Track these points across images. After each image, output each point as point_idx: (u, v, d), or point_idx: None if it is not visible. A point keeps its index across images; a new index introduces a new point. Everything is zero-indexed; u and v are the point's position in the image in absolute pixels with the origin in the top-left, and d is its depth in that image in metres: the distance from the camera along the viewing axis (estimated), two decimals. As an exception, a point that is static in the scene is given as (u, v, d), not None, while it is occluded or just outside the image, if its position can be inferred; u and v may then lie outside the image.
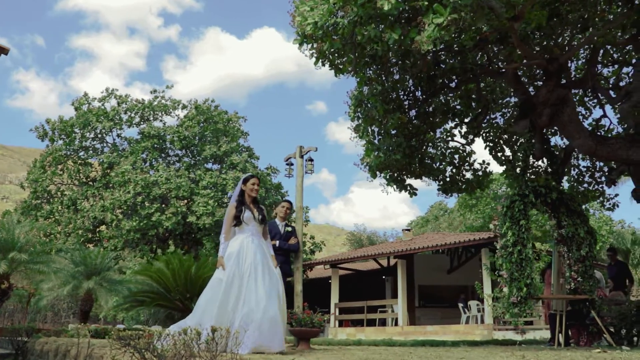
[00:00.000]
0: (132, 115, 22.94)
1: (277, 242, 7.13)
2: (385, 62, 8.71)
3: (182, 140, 22.14)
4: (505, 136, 12.22)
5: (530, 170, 12.58)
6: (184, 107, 23.43)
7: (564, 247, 7.61)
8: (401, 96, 9.31)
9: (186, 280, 7.68)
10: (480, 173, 12.20)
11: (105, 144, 23.61)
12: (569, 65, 9.76)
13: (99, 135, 23.32)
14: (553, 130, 10.64)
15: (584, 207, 10.04)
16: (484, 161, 12.24)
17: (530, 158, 12.67)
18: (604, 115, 10.72)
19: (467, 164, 12.07)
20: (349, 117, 10.09)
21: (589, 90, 10.07)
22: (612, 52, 9.45)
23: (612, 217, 32.74)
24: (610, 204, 11.87)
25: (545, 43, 8.13)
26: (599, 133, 9.40)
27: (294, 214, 8.01)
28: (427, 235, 28.00)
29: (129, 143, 23.19)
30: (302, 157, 7.63)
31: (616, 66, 10.53)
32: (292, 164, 8.07)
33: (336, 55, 8.05)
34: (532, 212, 25.30)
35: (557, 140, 12.27)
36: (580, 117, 10.55)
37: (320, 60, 8.13)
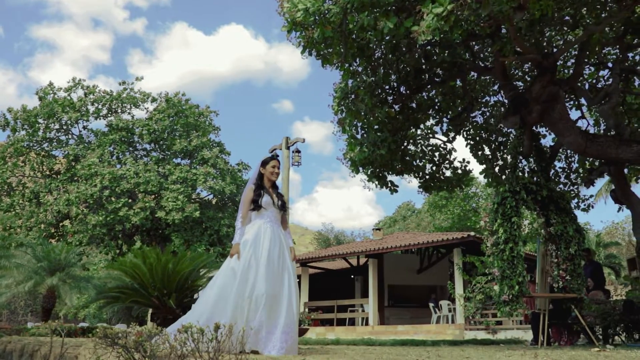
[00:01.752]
0: (100, 107, 22.16)
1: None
2: (372, 54, 8.51)
3: (152, 134, 21.50)
4: (484, 135, 12.19)
5: (508, 170, 12.65)
6: (154, 100, 22.79)
7: (552, 246, 7.53)
8: (387, 90, 9.11)
9: (163, 276, 7.28)
10: (460, 171, 12.15)
11: (70, 136, 22.78)
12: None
13: (65, 127, 22.47)
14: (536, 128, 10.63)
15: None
16: (464, 159, 12.19)
17: (509, 157, 12.79)
18: (582, 117, 10.77)
19: (447, 161, 12.00)
20: (333, 110, 9.85)
21: (568, 90, 10.08)
22: (596, 52, 9.46)
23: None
24: (585, 205, 11.96)
25: (533, 40, 8.05)
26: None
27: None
28: (397, 235, 28.02)
29: (95, 135, 22.39)
30: (288, 148, 7.37)
31: (592, 68, 10.60)
32: (277, 156, 7.78)
33: (323, 45, 7.80)
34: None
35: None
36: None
37: (308, 49, 7.87)
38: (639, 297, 7.76)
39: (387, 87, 8.95)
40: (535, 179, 7.74)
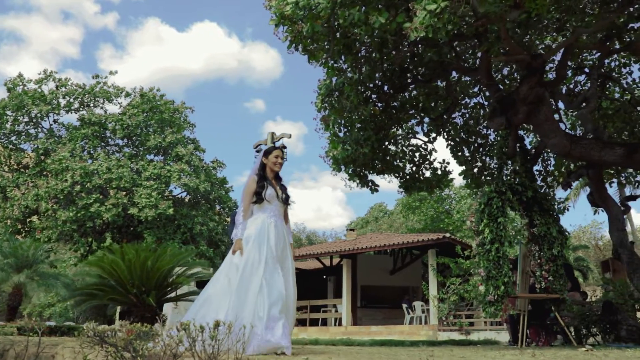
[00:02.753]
0: (71, 100, 21.56)
1: (247, 233, 6.70)
2: (358, 51, 8.43)
3: (125, 129, 21.03)
4: (464, 136, 12.25)
5: (487, 172, 12.75)
6: (128, 95, 22.30)
7: (535, 246, 7.56)
8: (372, 88, 9.05)
9: (142, 273, 7.04)
10: (439, 172, 12.18)
11: (40, 129, 22.13)
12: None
13: (34, 120, 21.81)
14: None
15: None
16: (444, 160, 12.22)
17: (487, 159, 12.88)
18: (560, 120, 10.91)
19: (427, 162, 12.01)
20: (316, 107, 9.75)
21: (548, 93, 10.20)
22: (577, 56, 9.60)
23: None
24: (560, 207, 12.11)
25: (523, 41, 8.09)
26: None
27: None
28: (371, 236, 28.06)
29: (67, 129, 21.79)
30: (274, 144, 7.25)
31: (569, 73, 10.76)
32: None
33: (310, 40, 7.69)
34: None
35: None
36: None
37: (294, 44, 7.75)
38: (616, 298, 7.84)
39: (371, 85, 8.88)
40: (517, 180, 7.76)
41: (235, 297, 4.12)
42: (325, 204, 74.80)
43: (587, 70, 10.52)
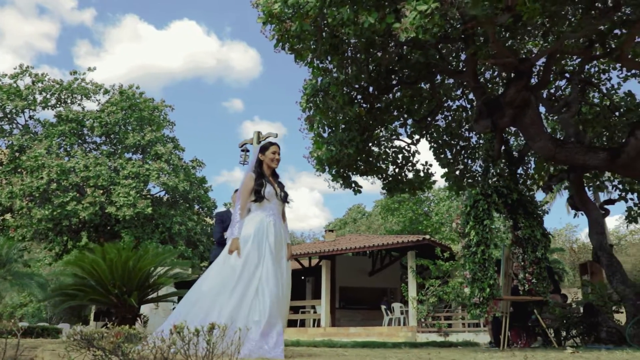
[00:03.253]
0: (48, 96, 21.09)
1: (233, 233, 6.60)
2: (344, 51, 8.40)
3: (104, 127, 20.65)
4: (446, 138, 12.31)
5: (468, 175, 12.83)
6: (106, 92, 21.90)
7: (519, 249, 7.61)
8: (357, 89, 9.02)
9: (124, 273, 6.88)
10: (422, 174, 12.22)
11: (15, 125, 21.61)
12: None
13: (9, 116, 21.28)
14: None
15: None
16: (426, 162, 12.27)
17: (469, 161, 12.97)
18: (541, 124, 11.02)
19: (410, 164, 12.04)
20: (300, 107, 9.69)
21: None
22: (560, 61, 9.69)
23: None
24: (540, 211, 12.24)
25: (508, 45, 8.15)
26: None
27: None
28: (350, 237, 28.08)
29: (43, 126, 21.30)
30: (259, 143, 7.14)
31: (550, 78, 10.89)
32: (247, 151, 7.57)
33: (296, 39, 7.62)
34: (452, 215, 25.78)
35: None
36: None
37: (281, 43, 7.68)
38: (596, 301, 7.93)
39: (357, 85, 8.86)
40: (502, 182, 7.80)
41: (231, 299, 3.96)
42: (302, 205, 74.65)
43: (567, 75, 10.66)
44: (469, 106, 12.13)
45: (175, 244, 19.23)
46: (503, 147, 7.99)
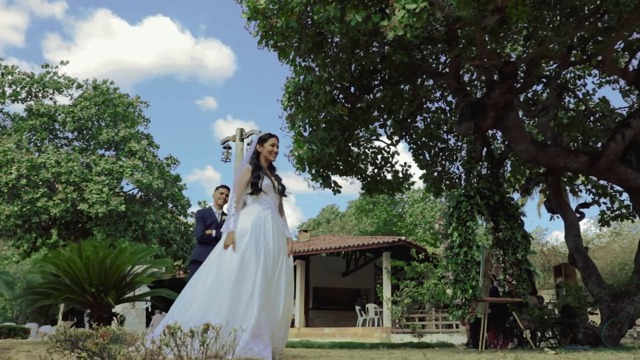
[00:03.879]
0: (18, 89, 20.51)
1: (213, 232, 6.47)
2: (328, 50, 8.34)
3: (76, 122, 20.17)
4: (425, 140, 12.36)
5: (446, 177, 12.91)
6: (80, 86, 21.38)
7: (500, 251, 7.65)
8: (340, 88, 8.96)
9: (100, 272, 6.69)
10: (400, 175, 12.24)
11: (-17, 119, 20.98)
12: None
13: (-24, 108, 20.65)
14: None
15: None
16: (405, 163, 12.30)
17: (447, 163, 13.05)
18: (518, 128, 11.15)
19: (389, 164, 12.05)
20: (282, 105, 9.60)
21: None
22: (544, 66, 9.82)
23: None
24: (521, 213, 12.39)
25: (492, 47, 8.20)
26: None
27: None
28: (324, 237, 28.03)
29: (12, 120, 20.70)
30: (242, 140, 7.03)
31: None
32: (229, 148, 7.45)
33: (280, 36, 7.53)
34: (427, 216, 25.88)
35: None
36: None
37: (265, 40, 7.58)
38: (573, 302, 8.03)
39: (339, 85, 8.80)
40: (484, 184, 7.83)
41: (228, 298, 3.77)
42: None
43: (544, 80, 10.80)
44: (447, 108, 12.22)
45: (149, 243, 18.87)
46: (485, 149, 8.02)
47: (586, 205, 11.07)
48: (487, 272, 8.35)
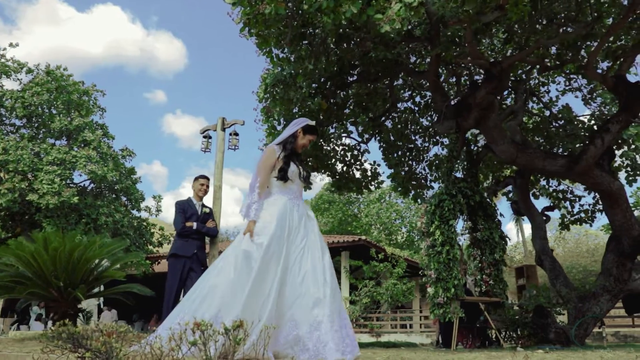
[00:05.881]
0: (-38, 72, 19.32)
1: (194, 225, 6.20)
2: (311, 41, 8.16)
3: (26, 108, 19.15)
4: (392, 138, 12.36)
5: (413, 177, 12.95)
6: (30, 71, 20.33)
7: (477, 251, 7.68)
8: (321, 82, 8.79)
9: (68, 265, 6.29)
10: (369, 173, 12.20)
11: None
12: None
13: None
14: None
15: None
16: (374, 162, 12.27)
17: (414, 163, 13.09)
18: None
19: (358, 162, 11.99)
20: (257, 97, 9.35)
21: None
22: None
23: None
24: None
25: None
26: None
27: (210, 193, 7.00)
28: (280, 236, 27.73)
29: (-44, 104, 19.48)
30: (224, 130, 6.77)
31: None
32: (209, 137, 7.15)
33: (264, 24, 7.29)
34: (392, 216, 26.10)
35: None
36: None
37: (248, 27, 7.32)
38: (545, 303, 8.15)
39: (322, 79, 8.64)
40: (462, 183, 7.84)
41: (248, 294, 3.45)
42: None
43: (510, 85, 10.99)
44: (416, 109, 12.26)
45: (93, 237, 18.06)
46: (465, 149, 8.04)
47: (551, 208, 11.34)
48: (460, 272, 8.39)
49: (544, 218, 10.30)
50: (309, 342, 3.34)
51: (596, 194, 11.57)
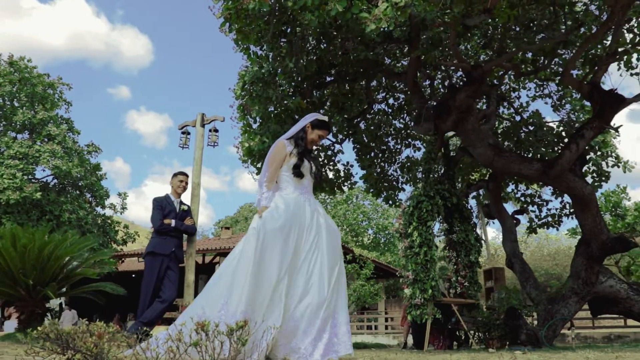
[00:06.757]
0: None
1: (173, 222, 6.05)
2: (292, 39, 8.10)
3: (-13, 100, 18.50)
4: (365, 139, 12.39)
5: (384, 179, 13.00)
6: (-9, 61, 19.65)
7: (453, 252, 7.74)
8: (299, 81, 8.73)
9: (37, 263, 6.06)
10: (342, 174, 12.18)
11: None
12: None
13: None
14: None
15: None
16: (347, 162, 12.26)
17: (386, 165, 13.14)
18: (456, 134, 11.43)
19: (331, 163, 11.96)
20: (234, 94, 9.23)
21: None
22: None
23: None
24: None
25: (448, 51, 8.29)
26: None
27: (189, 191, 6.82)
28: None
29: None
30: (203, 126, 6.64)
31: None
32: (188, 133, 7.00)
33: (246, 20, 7.19)
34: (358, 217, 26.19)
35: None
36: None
37: (229, 23, 7.21)
38: (517, 305, 8.27)
39: (300, 78, 8.57)
40: (440, 185, 7.89)
41: (248, 285, 3.33)
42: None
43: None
44: (390, 110, 12.32)
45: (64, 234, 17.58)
46: (442, 151, 8.10)
47: (521, 211, 11.53)
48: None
49: (515, 221, 10.47)
50: (301, 343, 3.30)
51: (563, 198, 11.88)
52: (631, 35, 7.85)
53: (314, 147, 4.26)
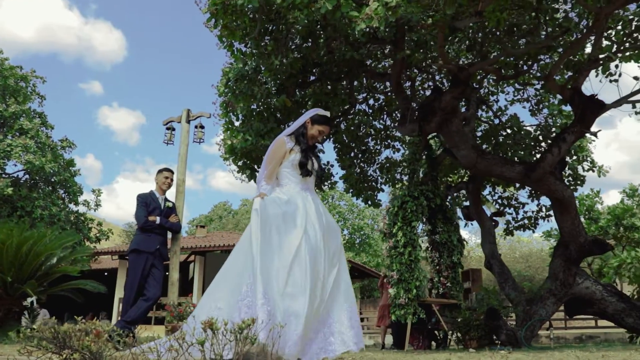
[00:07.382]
0: None
1: (157, 219, 5.95)
2: (277, 37, 8.05)
3: (-44, 92, 17.96)
4: (345, 139, 12.40)
5: (364, 179, 13.04)
6: (-39, 52, 19.08)
7: (435, 253, 7.79)
8: (284, 79, 8.68)
9: (15, 259, 5.89)
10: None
11: None
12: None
13: None
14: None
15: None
16: (328, 162, 12.26)
17: (365, 166, 13.18)
18: (436, 136, 11.53)
19: (311, 162, 11.93)
20: (217, 91, 9.14)
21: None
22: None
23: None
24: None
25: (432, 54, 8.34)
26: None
27: (174, 187, 6.72)
28: (222, 234, 27.46)
29: None
30: (188, 122, 6.54)
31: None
32: (173, 129, 6.90)
33: (233, 16, 7.12)
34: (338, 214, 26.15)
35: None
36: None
37: (215, 18, 7.13)
38: (497, 305, 8.37)
39: (285, 76, 8.52)
40: (424, 186, 7.94)
41: (235, 277, 3.29)
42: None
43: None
44: (370, 111, 12.36)
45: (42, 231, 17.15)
46: (426, 153, 8.15)
47: (499, 214, 11.68)
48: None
49: (493, 223, 10.60)
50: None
51: (540, 201, 12.09)
52: (609, 43, 8.03)
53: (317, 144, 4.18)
